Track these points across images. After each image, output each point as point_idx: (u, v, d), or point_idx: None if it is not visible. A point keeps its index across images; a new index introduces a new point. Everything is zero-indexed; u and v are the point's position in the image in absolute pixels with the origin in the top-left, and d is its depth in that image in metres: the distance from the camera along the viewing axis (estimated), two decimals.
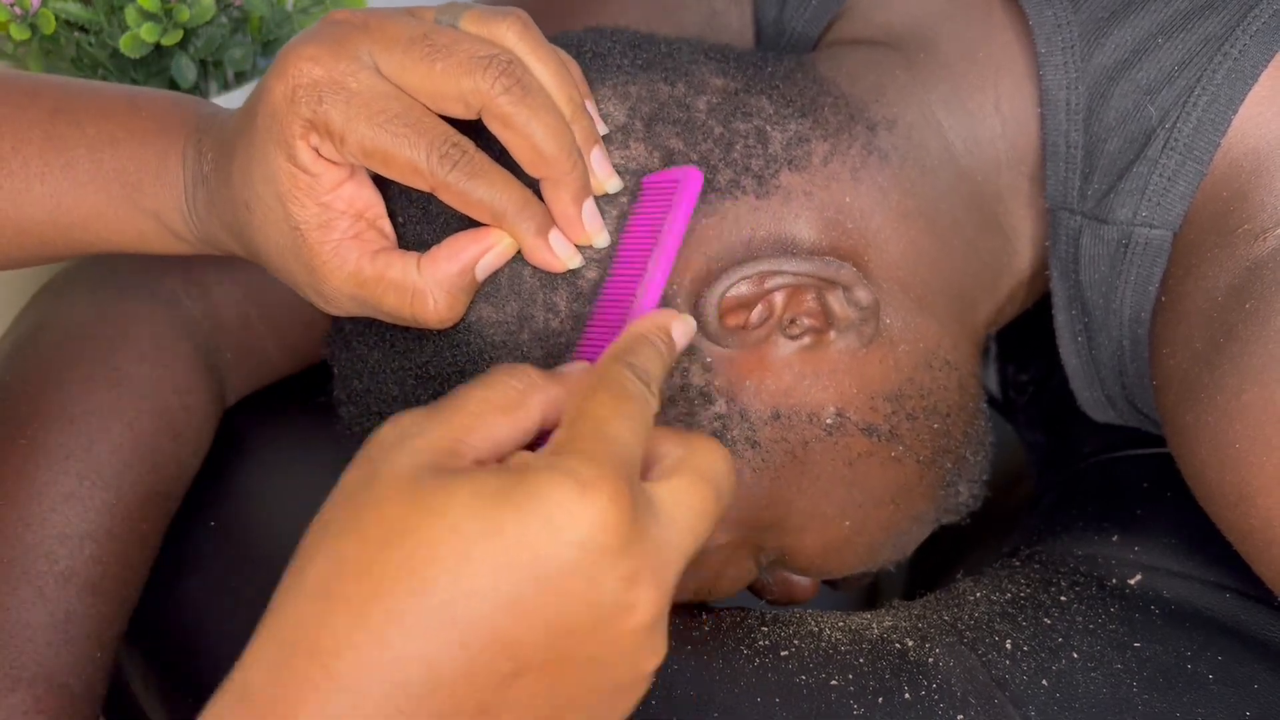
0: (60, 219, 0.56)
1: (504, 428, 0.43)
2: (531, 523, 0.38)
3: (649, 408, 0.43)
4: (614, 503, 0.39)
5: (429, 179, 0.49)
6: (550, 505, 0.38)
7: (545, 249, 0.51)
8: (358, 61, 0.49)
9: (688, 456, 0.43)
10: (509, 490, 0.39)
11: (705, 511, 0.42)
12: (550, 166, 0.50)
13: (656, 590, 0.40)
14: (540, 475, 0.39)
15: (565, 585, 0.38)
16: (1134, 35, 0.58)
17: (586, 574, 0.39)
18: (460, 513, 0.38)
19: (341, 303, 0.52)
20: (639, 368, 0.44)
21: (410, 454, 0.40)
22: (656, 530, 0.41)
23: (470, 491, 0.39)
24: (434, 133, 0.49)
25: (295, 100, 0.49)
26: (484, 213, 0.50)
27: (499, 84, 0.49)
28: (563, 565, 0.38)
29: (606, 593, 0.39)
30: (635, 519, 0.39)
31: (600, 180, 0.53)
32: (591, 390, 0.43)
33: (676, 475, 0.43)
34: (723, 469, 0.44)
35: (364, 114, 0.49)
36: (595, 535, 0.39)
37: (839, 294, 0.55)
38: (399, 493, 0.39)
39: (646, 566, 0.40)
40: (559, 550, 0.38)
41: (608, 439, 0.41)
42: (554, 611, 0.39)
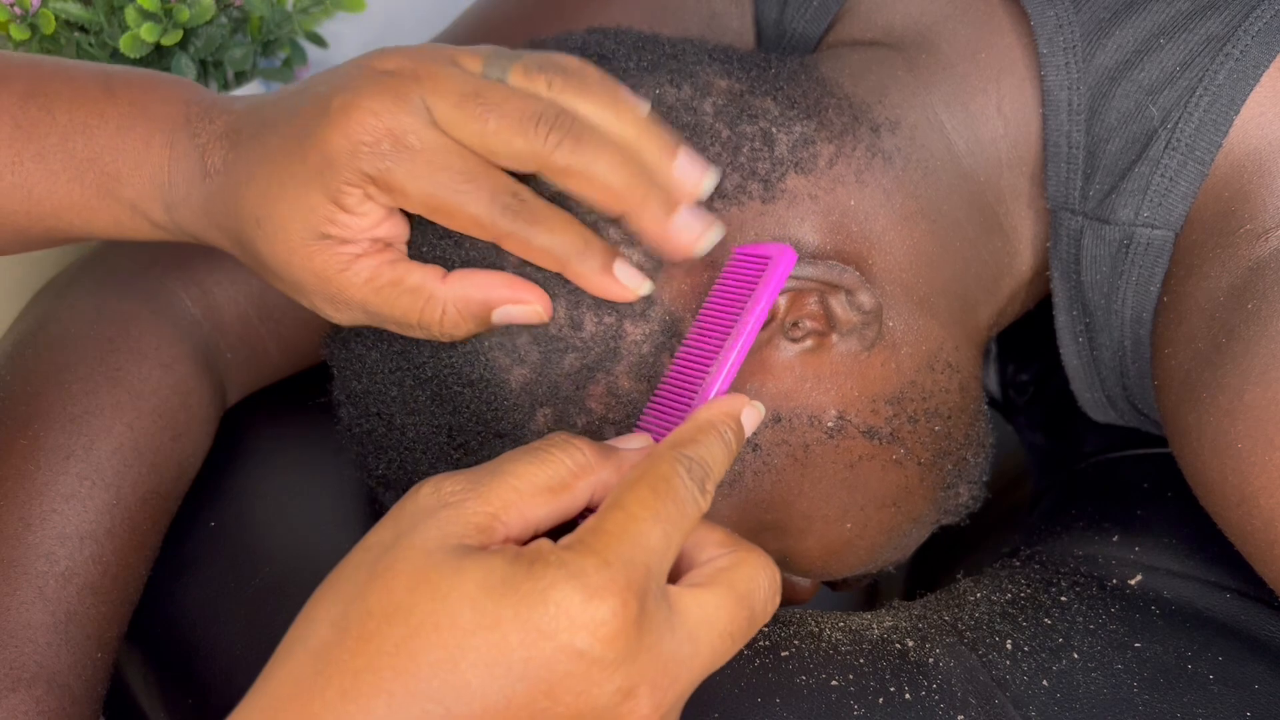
0: (33, 209, 0.56)
1: (544, 509, 0.42)
2: (530, 622, 0.38)
3: (694, 508, 0.42)
4: (617, 614, 0.38)
5: (491, 230, 0.50)
6: (551, 607, 0.38)
7: (613, 284, 0.51)
8: (418, 117, 0.49)
9: (730, 569, 0.42)
10: (514, 583, 0.38)
11: (732, 633, 0.41)
12: (624, 199, 0.50)
13: (652, 706, 0.39)
14: (548, 572, 0.38)
15: (556, 691, 0.38)
16: (1136, 36, 0.58)
17: (579, 683, 0.38)
18: (463, 601, 0.38)
19: (352, 311, 0.52)
20: (694, 462, 0.43)
21: (438, 525, 0.40)
22: (669, 644, 0.39)
23: (478, 579, 0.38)
24: (495, 185, 0.49)
25: (356, 154, 0.49)
26: (548, 259, 0.50)
27: (550, 139, 0.49)
28: (556, 670, 0.38)
29: (598, 704, 0.38)
30: (642, 630, 0.38)
31: (695, 183, 0.51)
32: (635, 482, 0.41)
33: (710, 589, 0.41)
34: (764, 589, 0.42)
35: (425, 171, 0.49)
36: (592, 646, 0.38)
37: (842, 298, 0.55)
38: (413, 566, 0.39)
39: (646, 681, 0.39)
40: (554, 655, 0.38)
41: (632, 541, 0.39)
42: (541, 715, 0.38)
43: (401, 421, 0.55)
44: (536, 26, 0.57)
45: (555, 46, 0.57)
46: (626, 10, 0.69)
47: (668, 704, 0.40)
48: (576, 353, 0.53)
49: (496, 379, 0.53)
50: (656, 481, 0.42)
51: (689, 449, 0.44)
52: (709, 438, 0.45)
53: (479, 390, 0.53)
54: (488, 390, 0.53)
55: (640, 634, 0.38)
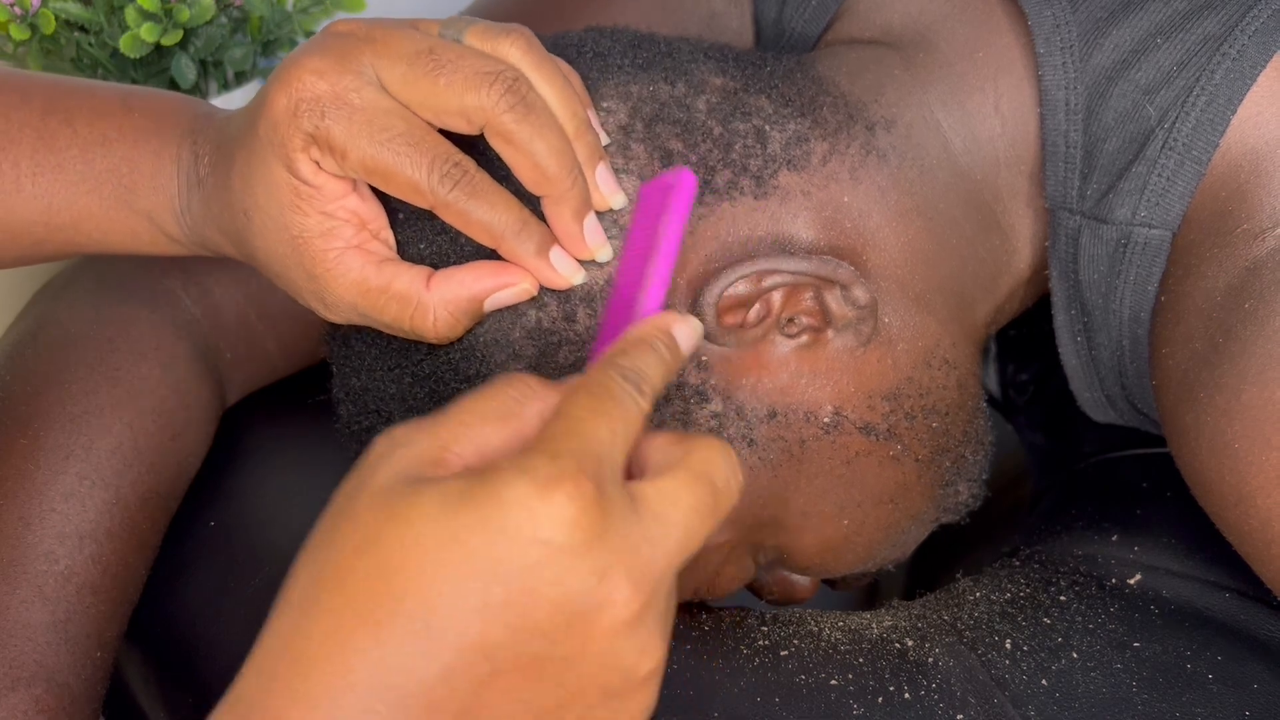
0: (52, 220, 0.56)
1: (496, 436, 0.42)
2: (490, 524, 0.38)
3: (634, 408, 0.42)
4: (573, 499, 0.38)
5: (429, 198, 0.50)
6: (507, 505, 0.38)
7: (547, 268, 0.52)
8: (361, 76, 0.49)
9: (684, 456, 0.43)
10: (470, 493, 0.38)
11: (699, 508, 0.42)
12: (551, 184, 0.50)
13: (633, 587, 0.39)
14: (500, 475, 0.38)
15: (530, 584, 0.38)
16: (1133, 35, 0.58)
17: (551, 573, 0.38)
18: (425, 520, 0.38)
19: (343, 310, 0.52)
20: (627, 369, 0.43)
21: (394, 463, 0.40)
22: (635, 527, 0.40)
23: (434, 498, 0.39)
24: (436, 151, 0.49)
25: (297, 114, 0.49)
26: (483, 233, 0.51)
27: (503, 101, 0.49)
28: (524, 564, 0.38)
29: (575, 590, 0.38)
30: (604, 514, 0.39)
31: (605, 196, 0.53)
32: (572, 391, 0.42)
33: (668, 474, 0.42)
34: (722, 468, 0.43)
35: (366, 131, 0.49)
36: (556, 533, 0.38)
37: (837, 293, 0.55)
38: (373, 503, 0.39)
39: (620, 563, 0.39)
40: (519, 550, 0.38)
41: (578, 436, 0.40)
42: (522, 611, 0.38)
43: (400, 419, 0.55)
44: (536, 26, 0.57)
45: (552, 45, 0.58)
46: (626, 10, 0.69)
47: (649, 584, 0.40)
48: (570, 346, 0.53)
49: (493, 375, 0.53)
50: (592, 386, 0.42)
51: (619, 359, 0.44)
52: (638, 349, 0.45)
53: (476, 387, 0.53)
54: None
55: (603, 518, 0.39)
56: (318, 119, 0.49)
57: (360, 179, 0.50)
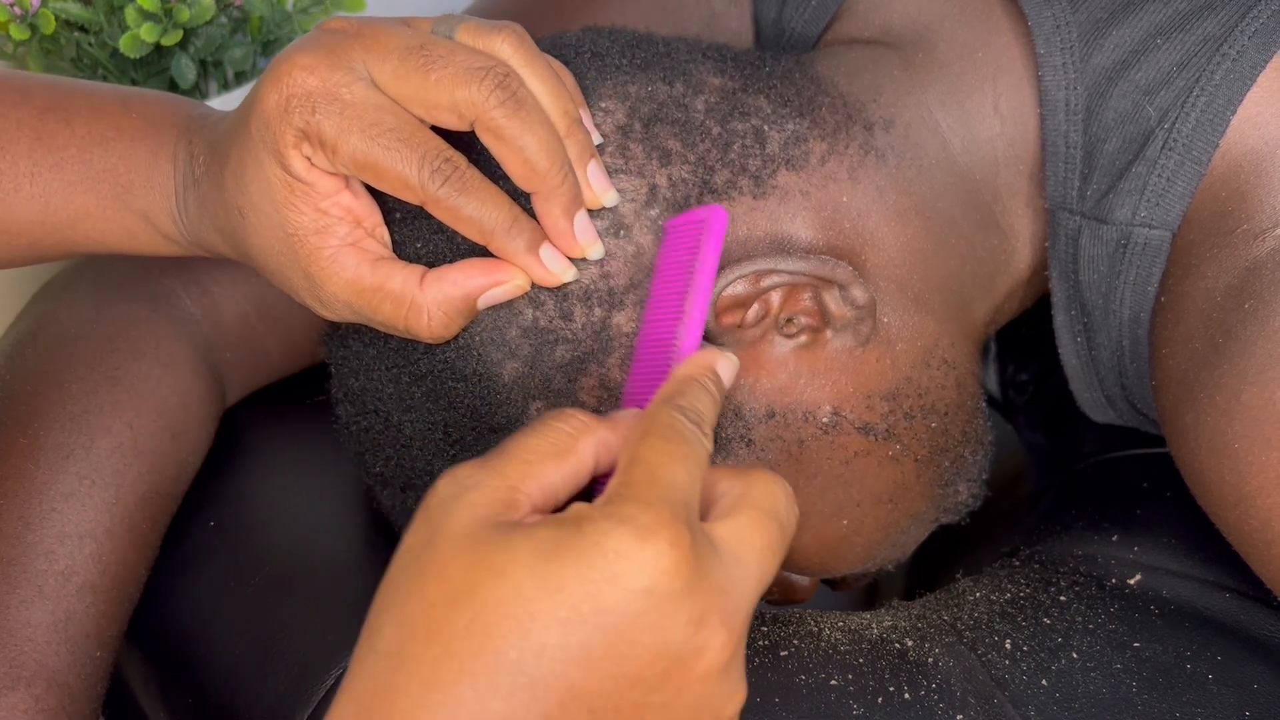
0: (49, 219, 0.56)
1: (557, 474, 0.43)
2: (592, 574, 0.38)
3: (703, 449, 0.43)
4: (674, 547, 0.39)
5: (419, 193, 0.50)
6: (610, 555, 0.39)
7: (537, 265, 0.52)
8: (352, 72, 0.49)
9: (746, 492, 0.43)
10: (568, 543, 0.39)
11: (770, 546, 0.42)
12: (541, 180, 0.50)
13: (726, 631, 0.40)
14: (598, 525, 0.39)
15: (632, 634, 0.39)
16: (1133, 36, 0.58)
17: (652, 621, 0.39)
18: (522, 570, 0.39)
19: (338, 309, 0.53)
20: (689, 410, 0.44)
21: (468, 509, 0.41)
22: (721, 571, 0.40)
23: (530, 548, 0.39)
24: (426, 147, 0.49)
25: (288, 110, 0.49)
26: (473, 229, 0.51)
27: (493, 96, 0.49)
28: (627, 614, 0.38)
29: (675, 638, 0.39)
30: (698, 561, 0.39)
31: (597, 194, 0.53)
32: (644, 435, 0.43)
33: (737, 514, 0.42)
34: (783, 501, 0.44)
35: (357, 126, 0.49)
36: (658, 581, 0.39)
37: (835, 293, 0.55)
38: (460, 552, 0.40)
39: (713, 608, 0.39)
40: (622, 599, 0.38)
41: (663, 483, 0.41)
42: (623, 660, 0.39)
43: (398, 419, 0.56)
44: (535, 26, 0.57)
45: (550, 45, 0.58)
46: (625, 10, 0.69)
47: (738, 627, 0.40)
48: (567, 345, 0.53)
49: (489, 373, 0.53)
50: (663, 429, 0.43)
51: (679, 399, 0.45)
52: (692, 388, 0.46)
53: (472, 385, 0.54)
54: (481, 385, 0.53)
55: (697, 563, 0.39)
56: (308, 114, 0.49)
57: (351, 175, 0.50)
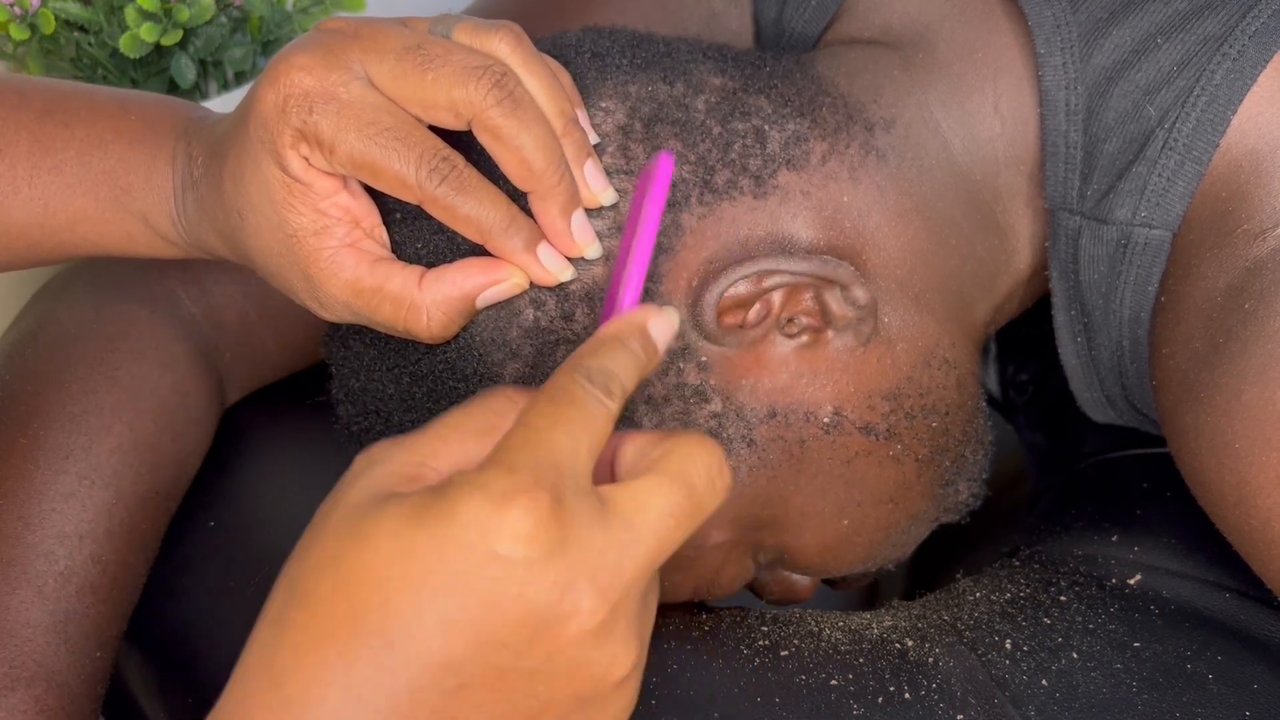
0: (48, 222, 0.56)
1: (475, 450, 0.42)
2: (446, 541, 0.38)
3: (600, 410, 0.41)
4: (530, 513, 0.38)
5: (417, 192, 0.50)
6: (463, 521, 0.38)
7: (534, 264, 0.52)
8: (349, 71, 0.49)
9: (660, 458, 0.42)
10: (427, 509, 0.38)
11: (673, 512, 0.41)
12: (537, 180, 0.50)
13: (598, 596, 0.39)
14: (455, 491, 0.38)
15: (490, 599, 0.38)
16: (1133, 36, 0.58)
17: (510, 586, 0.38)
18: (382, 536, 0.38)
19: (337, 310, 0.52)
20: (594, 370, 0.42)
21: (367, 480, 0.40)
22: (600, 534, 0.39)
23: (395, 514, 0.39)
24: (424, 146, 0.49)
25: (286, 110, 0.49)
26: (470, 228, 0.50)
27: (491, 95, 0.49)
28: (481, 580, 0.38)
29: (537, 604, 0.38)
30: (563, 525, 0.38)
31: (595, 193, 0.53)
32: (534, 398, 0.41)
33: (639, 477, 0.41)
34: (702, 467, 0.42)
35: (354, 125, 0.49)
36: (512, 548, 0.38)
37: (837, 293, 0.55)
38: (339, 520, 0.40)
39: (583, 574, 0.38)
40: (475, 566, 0.38)
41: (536, 446, 0.40)
42: (482, 625, 0.38)
43: (399, 419, 0.56)
44: (535, 26, 0.57)
45: (550, 45, 0.58)
46: (625, 10, 0.69)
47: (616, 592, 0.39)
48: (569, 345, 0.53)
49: (490, 374, 0.53)
50: (554, 392, 0.41)
51: (586, 360, 0.43)
52: (608, 347, 0.44)
53: (473, 385, 0.54)
54: (482, 385, 0.53)
55: (562, 528, 0.38)
56: (305, 114, 0.49)
57: (349, 174, 0.50)
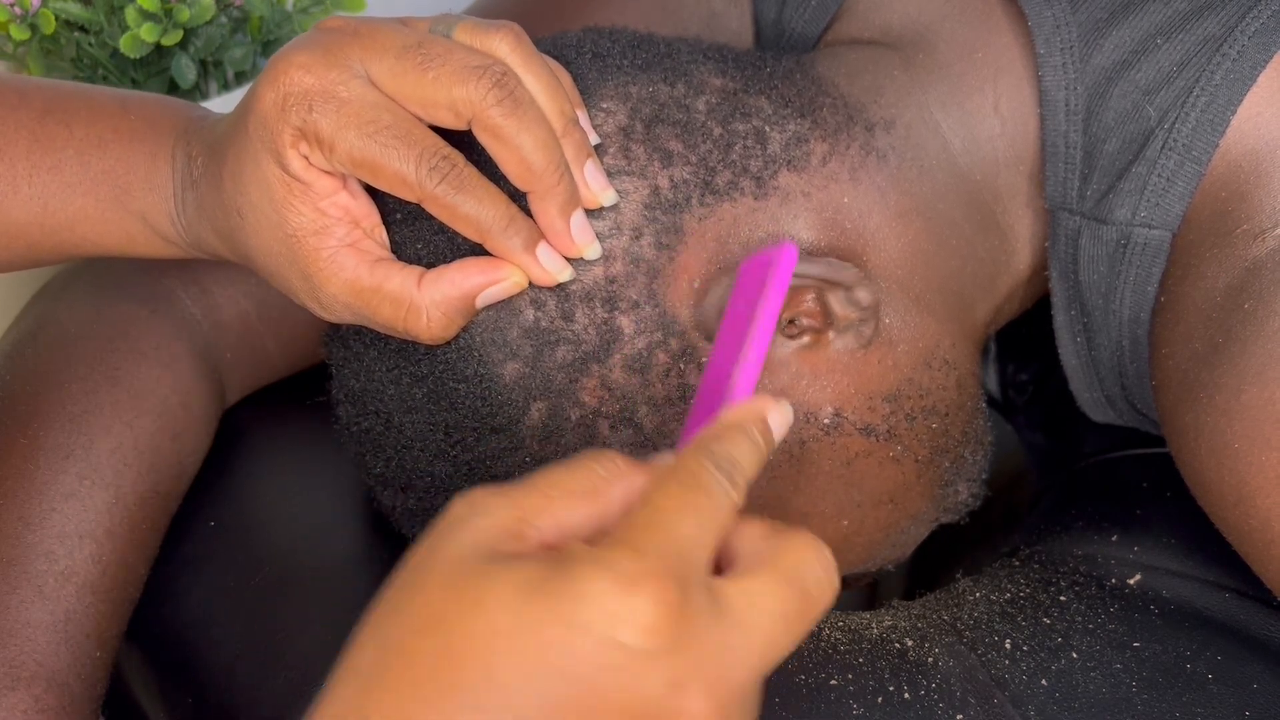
0: (47, 221, 0.56)
1: (578, 514, 0.40)
2: (565, 619, 0.36)
3: (725, 500, 0.41)
4: (657, 603, 0.36)
5: (416, 191, 0.49)
6: (586, 601, 0.36)
7: (533, 264, 0.52)
8: (349, 70, 0.49)
9: (774, 555, 0.40)
10: (549, 582, 0.37)
11: (786, 615, 0.39)
12: (537, 179, 0.50)
13: (708, 699, 0.37)
14: (582, 568, 0.37)
15: (600, 687, 0.36)
16: (1133, 36, 0.58)
17: (624, 677, 0.36)
18: (496, 605, 0.37)
19: (337, 310, 0.52)
20: (721, 456, 0.41)
21: (470, 533, 0.39)
22: (716, 634, 0.37)
23: (511, 581, 0.37)
24: (424, 144, 0.49)
25: (285, 108, 0.49)
26: (470, 227, 0.50)
27: (491, 95, 0.49)
28: (598, 666, 0.36)
29: (648, 699, 0.36)
30: (685, 620, 0.37)
31: (595, 193, 0.53)
32: (662, 479, 0.40)
33: (755, 575, 0.40)
34: (814, 567, 0.40)
35: (354, 123, 0.49)
36: (633, 636, 0.36)
37: (839, 294, 0.55)
38: (445, 577, 0.38)
39: (696, 673, 0.37)
40: (593, 650, 0.36)
41: (664, 531, 0.38)
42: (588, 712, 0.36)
43: (399, 420, 0.56)
44: (535, 27, 0.57)
45: (551, 46, 0.58)
46: (625, 10, 0.69)
47: (725, 697, 0.37)
48: (568, 345, 0.53)
49: (490, 374, 0.53)
50: (683, 476, 0.40)
51: (713, 445, 0.42)
52: (733, 435, 0.43)
53: (473, 386, 0.54)
54: (482, 385, 0.53)
55: (684, 623, 0.37)
56: (305, 113, 0.49)
57: (349, 173, 0.50)
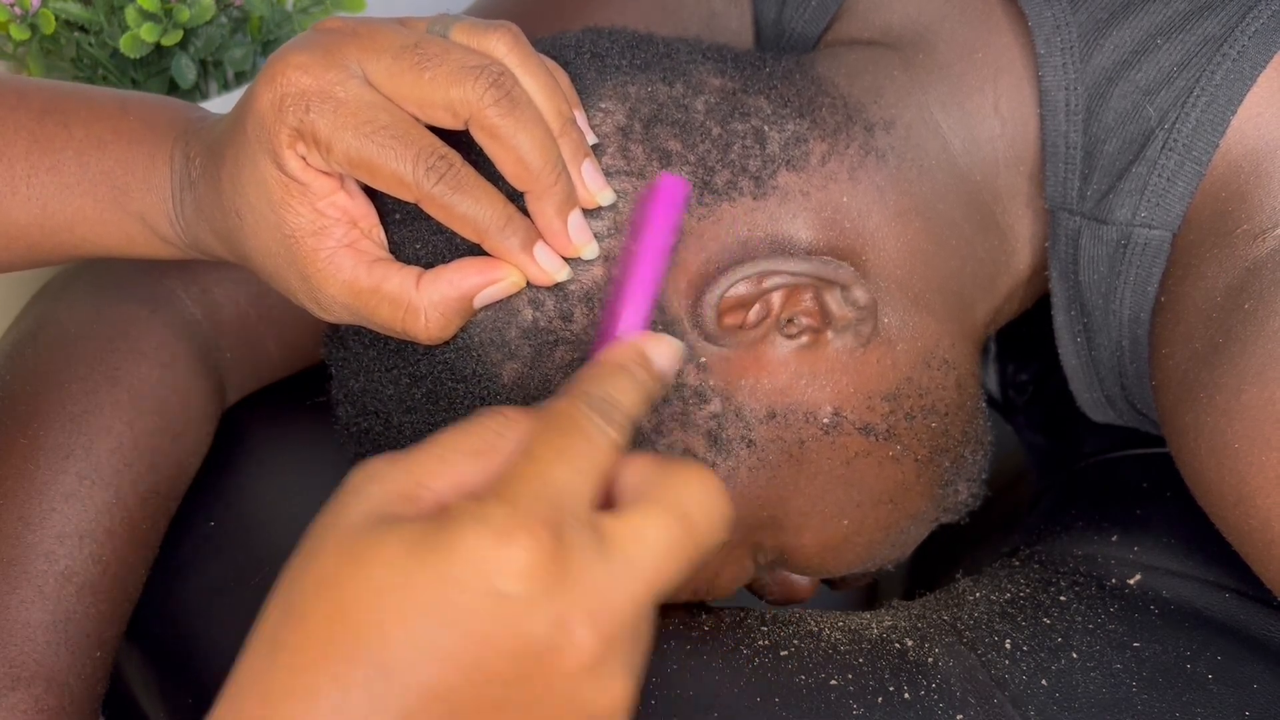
0: (46, 222, 0.56)
1: (472, 471, 0.41)
2: (447, 572, 0.37)
3: (603, 440, 0.41)
4: (530, 550, 0.38)
5: (414, 191, 0.49)
6: (463, 554, 0.38)
7: (531, 264, 0.52)
8: (346, 70, 0.49)
9: (657, 489, 0.41)
10: (430, 538, 0.38)
11: (671, 546, 0.40)
12: (534, 179, 0.50)
13: (593, 632, 0.38)
14: (458, 522, 0.38)
15: (485, 633, 0.38)
16: (1133, 36, 0.58)
17: (507, 623, 0.38)
18: (381, 565, 0.38)
19: (336, 311, 0.52)
20: (599, 398, 0.42)
21: (364, 499, 0.40)
22: (599, 570, 0.39)
23: (396, 540, 0.38)
24: (421, 144, 0.49)
25: (282, 109, 0.49)
26: (467, 227, 0.50)
27: (488, 94, 0.49)
28: (479, 614, 0.37)
29: (532, 638, 0.38)
30: (561, 562, 0.38)
31: (592, 193, 0.53)
32: (540, 428, 0.41)
33: (637, 508, 0.41)
34: (699, 500, 0.41)
35: (351, 124, 0.49)
36: (509, 584, 0.38)
37: (837, 293, 0.55)
38: (337, 542, 0.39)
39: (580, 609, 0.38)
40: (474, 600, 0.37)
41: (537, 480, 0.39)
42: (478, 659, 0.38)
43: (398, 420, 0.56)
44: (535, 27, 0.57)
45: (550, 46, 0.58)
46: (625, 10, 0.69)
47: (611, 627, 0.39)
48: (567, 345, 0.53)
49: (489, 374, 0.53)
50: (559, 421, 0.41)
51: (589, 387, 0.43)
52: (611, 374, 0.44)
53: (472, 386, 0.54)
54: (481, 386, 0.53)
55: (561, 565, 0.38)
56: (302, 113, 0.49)
57: (346, 173, 0.50)
